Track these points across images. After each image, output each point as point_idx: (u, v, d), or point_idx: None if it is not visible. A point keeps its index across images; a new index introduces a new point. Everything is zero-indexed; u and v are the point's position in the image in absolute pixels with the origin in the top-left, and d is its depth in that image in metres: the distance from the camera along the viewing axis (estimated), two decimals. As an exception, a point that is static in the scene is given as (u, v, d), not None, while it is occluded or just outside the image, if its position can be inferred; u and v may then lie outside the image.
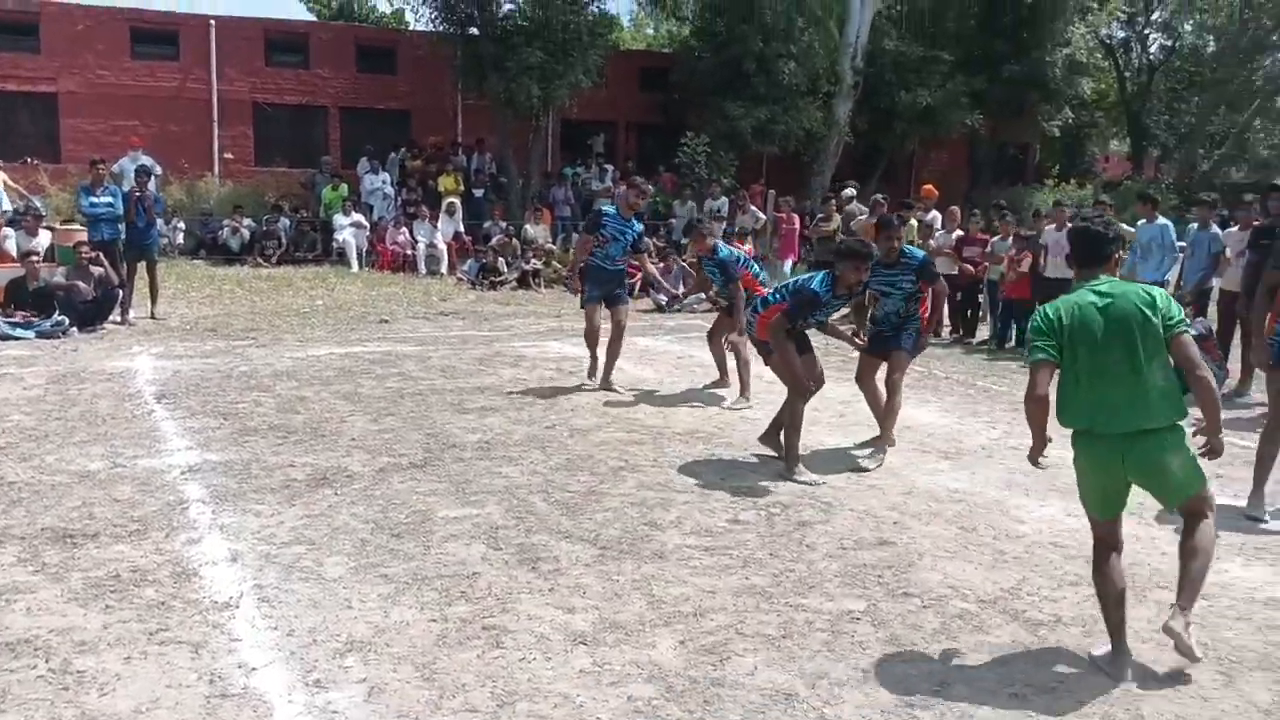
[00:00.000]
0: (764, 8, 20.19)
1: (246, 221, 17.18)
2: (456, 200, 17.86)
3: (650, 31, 36.90)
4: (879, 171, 24.08)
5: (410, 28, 22.41)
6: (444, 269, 16.46)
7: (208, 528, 4.49)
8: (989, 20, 23.25)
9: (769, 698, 3.14)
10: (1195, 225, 9.39)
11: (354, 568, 4.08)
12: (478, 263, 15.60)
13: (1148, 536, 4.64)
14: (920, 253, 6.24)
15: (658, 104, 23.03)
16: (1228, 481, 5.43)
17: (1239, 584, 4.13)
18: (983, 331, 11.25)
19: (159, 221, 11.81)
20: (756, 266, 8.09)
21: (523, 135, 20.15)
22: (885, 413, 6.04)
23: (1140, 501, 5.10)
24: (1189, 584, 3.35)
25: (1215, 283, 8.96)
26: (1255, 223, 8.29)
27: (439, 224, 17.09)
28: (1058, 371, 3.46)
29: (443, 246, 16.78)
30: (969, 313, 11.39)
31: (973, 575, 4.19)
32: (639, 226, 7.75)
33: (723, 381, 7.85)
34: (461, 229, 17.65)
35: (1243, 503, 5.06)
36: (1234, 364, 8.43)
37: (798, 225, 14.44)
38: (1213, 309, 9.39)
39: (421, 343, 9.87)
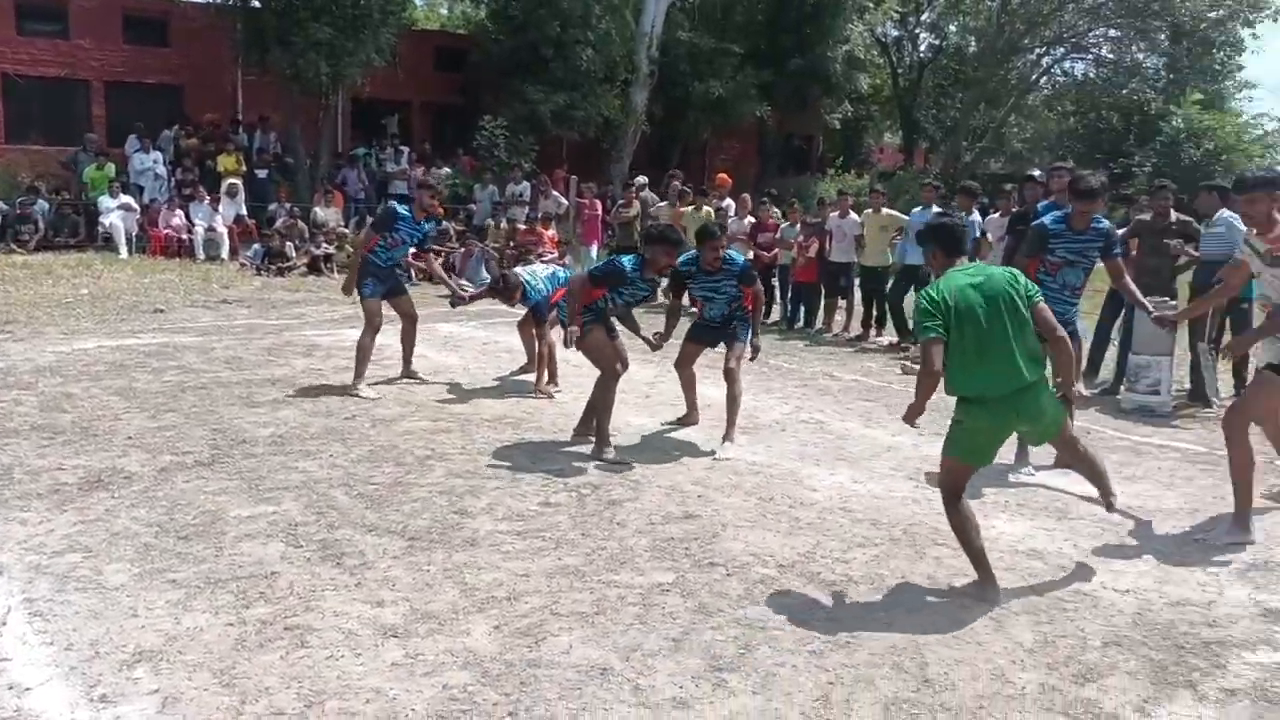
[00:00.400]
0: (561, -7, 20.19)
1: (-3, 204, 15.52)
2: (238, 181, 16.84)
3: (444, 12, 36.10)
4: (674, 159, 24.66)
5: (183, -4, 20.82)
6: (225, 254, 15.49)
7: (-37, 540, 4.05)
8: (776, 16, 24.22)
9: (584, 674, 3.19)
10: (960, 213, 10.18)
11: (138, 574, 3.80)
12: (263, 247, 14.79)
13: (925, 498, 5.02)
14: (740, 258, 6.35)
15: (455, 85, 22.58)
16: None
17: (1004, 537, 4.55)
18: (774, 314, 11.78)
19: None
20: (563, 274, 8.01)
21: (311, 114, 19.22)
22: (729, 405, 6.02)
23: (918, 467, 5.53)
24: (1098, 478, 4.38)
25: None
26: (1012, 209, 9.09)
27: (219, 206, 16.07)
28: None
29: (223, 230, 15.79)
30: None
31: (772, 542, 4.40)
32: (428, 226, 7.52)
33: (530, 367, 7.84)
34: (244, 211, 16.65)
35: (1009, 463, 5.57)
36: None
37: (600, 211, 14.58)
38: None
39: (203, 333, 9.28)
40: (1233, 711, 3.08)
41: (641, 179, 15.14)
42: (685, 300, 6.44)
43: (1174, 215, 7.91)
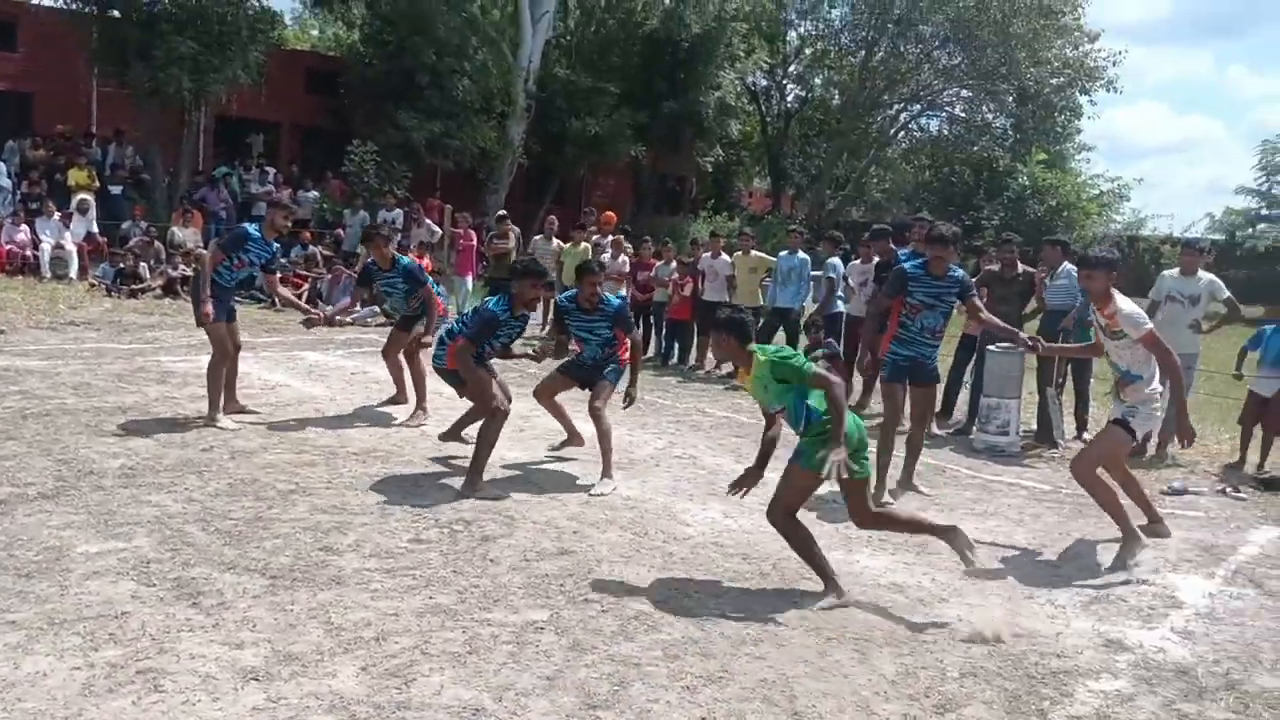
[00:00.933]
0: (438, 22, 20.10)
1: None
2: (89, 197, 15.97)
3: (316, 33, 35.36)
4: (551, 193, 24.78)
5: (36, 1, 19.74)
6: (74, 273, 14.64)
7: None
8: (651, 59, 24.78)
9: (456, 715, 3.13)
10: (825, 258, 10.58)
11: (-31, 616, 3.52)
12: (114, 268, 14.05)
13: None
14: (616, 300, 6.41)
15: (326, 108, 22.11)
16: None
17: (867, 571, 4.71)
18: (649, 350, 11.91)
19: None
20: (433, 282, 8.01)
21: (171, 130, 18.46)
22: (600, 442, 6.00)
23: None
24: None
25: (844, 308, 10.15)
26: (873, 257, 9.51)
27: (69, 223, 15.19)
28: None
29: (72, 248, 14.92)
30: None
31: (646, 578, 4.43)
32: (276, 247, 7.24)
33: (400, 398, 7.68)
34: (95, 229, 15.79)
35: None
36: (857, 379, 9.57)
37: (475, 241, 14.47)
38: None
39: (48, 356, 8.71)
40: (1077, 737, 3.26)
41: (501, 212, 15.08)
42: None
43: (1020, 267, 8.44)
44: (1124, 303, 5.08)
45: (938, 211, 25.68)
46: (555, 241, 12.94)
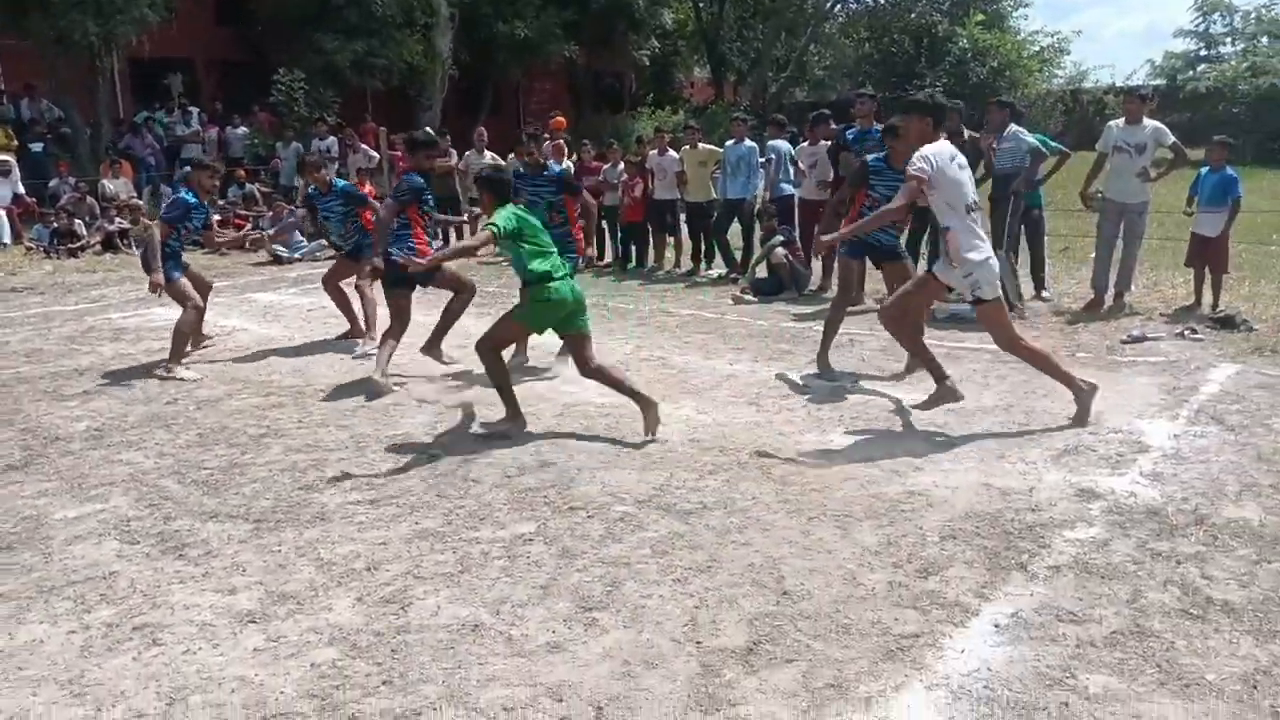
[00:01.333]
0: (346, -65, 19.19)
1: None
2: (9, 158, 15.32)
3: (222, -41, 33.64)
4: (487, 104, 24.14)
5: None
6: (6, 238, 14.13)
7: None
8: (575, -49, 23.91)
9: (455, 633, 3.18)
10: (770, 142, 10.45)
11: (-45, 594, 3.50)
12: (48, 228, 13.60)
13: (767, 422, 5.22)
14: (559, 168, 6.43)
15: (242, 39, 21.19)
16: (794, 356, 6.31)
17: (842, 450, 4.81)
18: (607, 256, 11.82)
19: None
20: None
21: (84, 79, 17.64)
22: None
23: (758, 392, 5.72)
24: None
25: (795, 192, 10.09)
26: (821, 139, 9.43)
27: (-8, 186, 14.61)
28: None
29: (1, 212, 14.38)
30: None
31: (627, 480, 4.49)
32: (206, 203, 7.18)
33: (355, 331, 7.59)
34: (21, 190, 15.20)
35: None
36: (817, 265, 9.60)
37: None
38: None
39: (-8, 326, 8.49)
40: (1059, 585, 3.39)
41: (433, 130, 14.59)
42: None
43: (965, 132, 8.40)
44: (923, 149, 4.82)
45: (880, 85, 25.42)
46: (488, 154, 12.59)
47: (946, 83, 25.56)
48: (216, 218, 12.44)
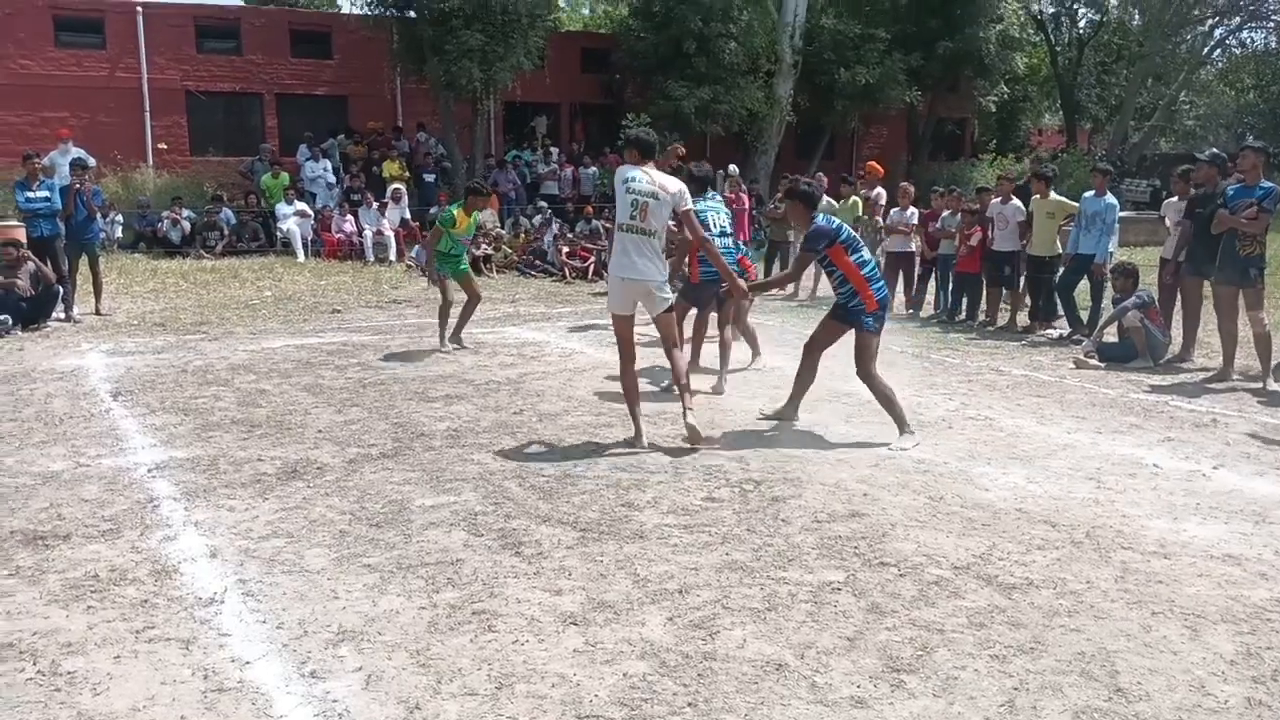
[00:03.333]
0: (702, -12, 20.22)
1: (186, 213, 16.80)
2: (402, 186, 17.67)
3: (586, 12, 36.68)
4: (821, 149, 24.32)
5: (344, 11, 21.97)
6: (393, 256, 16.29)
7: (182, 525, 4.43)
8: (922, -1, 23.56)
9: (760, 669, 3.22)
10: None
11: (336, 559, 4.07)
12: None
13: (1107, 500, 4.80)
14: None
15: (600, 85, 22.95)
16: (1144, 431, 5.68)
17: (1197, 542, 4.31)
18: (932, 306, 11.47)
19: (98, 215, 11.53)
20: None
21: (465, 119, 19.96)
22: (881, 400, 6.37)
23: (1098, 466, 5.29)
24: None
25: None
26: (1191, 191, 8.55)
27: (385, 211, 16.88)
28: None
29: (390, 234, 16.59)
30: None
31: (944, 543, 4.31)
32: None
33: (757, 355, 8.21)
34: (408, 215, 17.45)
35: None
36: (1176, 330, 8.70)
37: (748, 204, 14.51)
38: (1153, 276, 9.67)
39: (377, 332, 9.78)
40: None
41: (733, 168, 14.80)
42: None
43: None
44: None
45: (1268, 136, 22.62)
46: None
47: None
48: (565, 250, 13.51)
